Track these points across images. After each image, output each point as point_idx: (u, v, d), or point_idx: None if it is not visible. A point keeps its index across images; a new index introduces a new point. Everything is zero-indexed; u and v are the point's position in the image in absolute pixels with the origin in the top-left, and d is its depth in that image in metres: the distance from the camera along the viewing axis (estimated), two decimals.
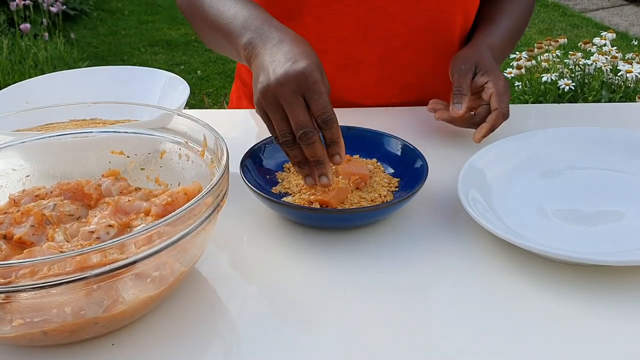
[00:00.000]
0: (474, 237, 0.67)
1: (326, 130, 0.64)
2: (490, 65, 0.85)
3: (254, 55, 0.70)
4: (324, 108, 0.63)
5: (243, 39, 0.72)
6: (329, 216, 0.68)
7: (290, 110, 0.63)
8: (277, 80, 0.63)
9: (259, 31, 0.71)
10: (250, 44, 0.70)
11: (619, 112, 1.00)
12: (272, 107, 0.64)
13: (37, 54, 3.00)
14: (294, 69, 0.63)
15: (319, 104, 0.63)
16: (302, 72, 0.63)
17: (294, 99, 0.63)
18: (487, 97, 0.82)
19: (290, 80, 0.63)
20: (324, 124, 0.63)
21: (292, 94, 0.63)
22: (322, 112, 0.63)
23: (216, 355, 0.55)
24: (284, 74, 0.63)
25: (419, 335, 0.55)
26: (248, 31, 0.72)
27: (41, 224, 0.59)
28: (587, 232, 0.67)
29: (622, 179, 0.76)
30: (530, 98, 2.29)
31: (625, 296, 0.59)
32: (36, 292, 0.46)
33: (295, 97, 0.63)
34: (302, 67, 0.63)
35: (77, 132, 0.69)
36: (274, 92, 0.64)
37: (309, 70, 0.63)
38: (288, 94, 0.63)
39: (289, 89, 0.63)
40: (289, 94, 0.63)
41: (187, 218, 0.52)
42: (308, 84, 0.63)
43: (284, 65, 0.64)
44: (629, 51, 2.44)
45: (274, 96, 0.64)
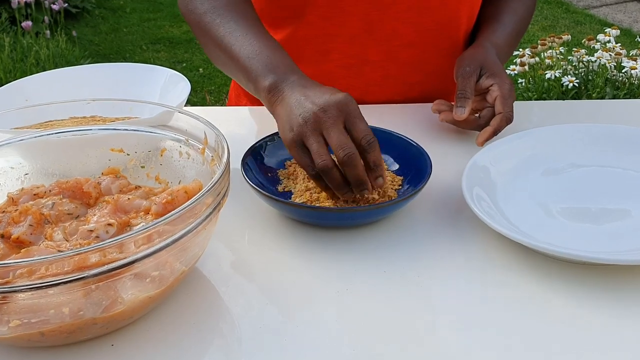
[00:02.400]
0: (478, 235, 0.67)
1: (370, 154, 0.65)
2: (495, 68, 0.84)
3: (280, 99, 0.70)
4: (366, 131, 0.65)
5: (267, 81, 0.72)
6: (331, 215, 0.67)
7: (333, 135, 0.64)
8: (321, 108, 0.65)
9: (284, 76, 0.72)
10: (275, 88, 0.71)
11: (623, 109, 0.99)
12: (314, 136, 0.65)
13: (38, 52, 3.00)
14: (335, 98, 0.66)
15: (361, 127, 0.65)
16: (343, 100, 0.66)
17: (336, 124, 0.65)
18: (492, 100, 0.81)
19: (333, 107, 0.65)
20: (368, 147, 0.65)
21: (335, 120, 0.65)
22: (365, 134, 0.65)
23: (217, 355, 0.54)
24: (325, 103, 0.65)
25: (423, 335, 0.55)
26: (272, 74, 0.72)
27: (39, 223, 0.58)
28: (592, 230, 0.66)
29: (627, 176, 0.75)
30: (533, 95, 2.27)
31: (631, 295, 0.58)
32: (34, 292, 0.46)
33: (337, 122, 0.65)
34: (342, 96, 0.66)
35: (77, 130, 0.69)
36: (316, 119, 0.65)
37: (349, 98, 0.66)
38: (330, 120, 0.65)
39: (331, 115, 0.65)
40: (332, 119, 0.65)
41: (187, 217, 0.51)
42: (349, 110, 0.65)
43: (323, 97, 0.66)
44: (633, 48, 2.42)
45: (316, 123, 0.65)
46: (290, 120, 0.67)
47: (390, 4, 0.89)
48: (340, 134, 0.64)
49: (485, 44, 0.88)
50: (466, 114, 0.81)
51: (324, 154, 0.64)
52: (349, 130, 0.65)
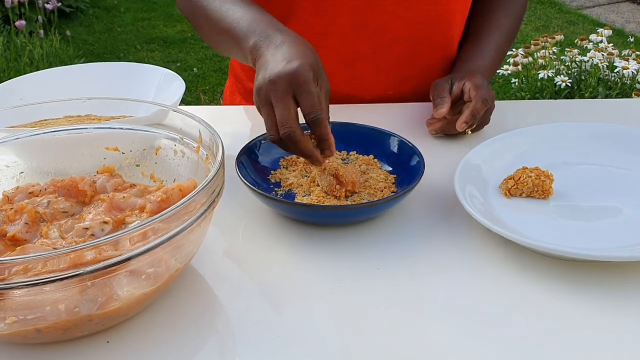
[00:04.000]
0: (470, 233, 0.67)
1: (315, 129, 0.66)
2: (464, 73, 0.86)
3: (257, 57, 0.72)
4: (312, 107, 0.65)
5: (249, 42, 0.74)
6: (325, 212, 0.67)
7: (277, 110, 0.66)
8: (269, 79, 0.66)
9: (264, 34, 0.73)
10: (255, 46, 0.73)
11: (616, 108, 1.00)
12: (264, 106, 0.67)
13: (32, 51, 2.99)
14: (287, 68, 0.66)
15: (307, 103, 0.65)
16: (294, 71, 0.65)
17: (283, 97, 0.65)
18: (467, 93, 0.82)
19: (282, 79, 0.65)
20: (312, 124, 0.66)
21: (283, 93, 0.65)
22: (311, 111, 0.65)
23: (212, 352, 0.55)
24: (276, 74, 0.66)
25: (416, 331, 0.55)
26: (254, 34, 0.74)
27: (35, 221, 0.59)
28: (583, 228, 0.67)
29: (619, 174, 0.76)
30: (526, 95, 2.29)
31: (622, 291, 0.59)
32: (30, 289, 0.46)
33: (285, 96, 0.65)
34: (295, 67, 0.66)
35: (72, 129, 0.69)
36: (266, 90, 0.66)
37: (300, 70, 0.65)
38: (278, 93, 0.65)
39: (280, 87, 0.65)
40: (279, 92, 0.65)
41: (182, 214, 0.51)
42: (298, 84, 0.65)
43: (278, 65, 0.66)
44: (625, 48, 2.44)
45: (265, 95, 0.66)
46: (254, 85, 0.69)
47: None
48: (283, 109, 0.65)
49: (464, 69, 0.90)
50: (445, 109, 0.82)
51: (272, 129, 0.67)
52: (298, 103, 0.66)
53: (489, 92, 0.82)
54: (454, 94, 0.84)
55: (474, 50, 0.94)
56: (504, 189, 0.72)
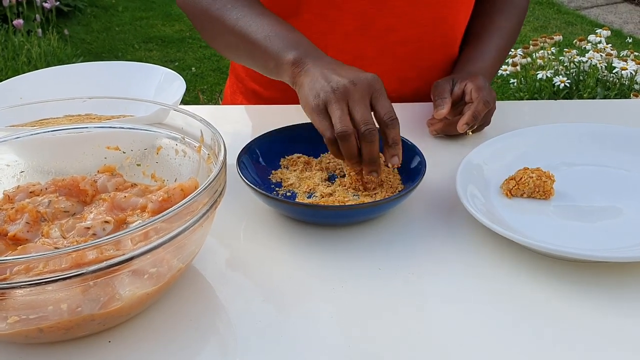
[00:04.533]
0: (472, 233, 0.67)
1: (390, 130, 0.68)
2: (466, 74, 0.86)
3: (304, 70, 0.73)
4: (389, 109, 0.68)
5: (290, 55, 0.74)
6: (326, 213, 0.67)
7: (359, 108, 0.67)
8: (351, 81, 0.68)
9: (307, 51, 0.75)
10: (300, 60, 0.74)
11: (614, 109, 1.00)
12: (339, 104, 0.67)
13: (30, 51, 2.98)
14: (365, 75, 0.69)
15: (385, 105, 0.68)
16: (372, 78, 0.69)
17: (363, 98, 0.68)
18: (468, 95, 0.82)
19: (363, 82, 0.68)
20: (390, 123, 0.68)
21: (363, 94, 0.68)
22: (388, 112, 0.68)
23: (213, 352, 0.54)
24: (356, 77, 0.68)
25: (418, 331, 0.55)
26: (294, 49, 0.75)
27: (36, 221, 0.58)
28: (584, 228, 0.67)
29: (619, 175, 0.76)
30: (525, 95, 2.29)
31: (623, 292, 0.59)
32: (32, 288, 0.46)
33: (365, 97, 0.68)
34: (372, 75, 0.70)
35: (72, 128, 0.69)
36: (345, 90, 0.68)
37: (377, 78, 0.70)
38: (358, 93, 0.68)
39: (360, 89, 0.68)
40: (360, 93, 0.68)
41: (184, 214, 0.51)
42: (377, 88, 0.69)
43: (353, 72, 0.70)
44: (623, 49, 2.44)
45: (344, 93, 0.68)
46: (316, 87, 0.69)
47: (386, 0, 0.89)
48: (365, 109, 0.67)
49: (465, 71, 0.90)
50: (446, 110, 0.82)
51: (346, 120, 0.66)
52: (373, 107, 0.68)
53: (491, 94, 0.82)
54: (455, 95, 0.84)
55: (475, 52, 0.94)
56: (505, 189, 0.72)
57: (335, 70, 0.70)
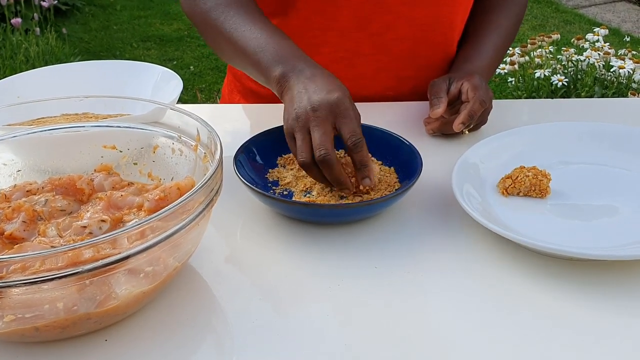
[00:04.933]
0: (468, 232, 0.67)
1: (356, 154, 0.68)
2: (462, 73, 0.86)
3: (287, 88, 0.73)
4: (354, 132, 0.67)
5: (276, 71, 0.75)
6: (323, 211, 0.67)
7: (316, 134, 0.67)
8: (311, 106, 0.68)
9: (291, 65, 0.75)
10: (283, 77, 0.74)
11: (612, 107, 1.00)
12: (302, 131, 0.68)
13: (28, 49, 2.98)
14: (328, 97, 0.68)
15: (349, 128, 0.67)
16: (335, 100, 0.68)
17: (323, 123, 0.67)
18: (465, 94, 0.82)
19: (324, 107, 0.68)
20: (354, 147, 0.67)
21: (323, 119, 0.67)
22: (352, 135, 0.67)
23: (210, 350, 0.55)
24: (318, 101, 0.68)
25: (414, 329, 0.55)
26: (280, 65, 0.75)
27: (32, 219, 0.58)
28: (580, 227, 0.67)
29: (616, 173, 0.76)
30: (523, 94, 2.29)
31: (619, 290, 0.59)
32: (28, 287, 0.46)
33: (325, 121, 0.67)
34: (336, 96, 0.68)
35: (69, 127, 0.69)
36: (306, 116, 0.68)
37: (341, 99, 0.68)
38: (318, 119, 0.67)
39: (321, 114, 0.68)
40: (319, 119, 0.67)
41: (180, 213, 0.51)
42: (340, 111, 0.68)
43: (319, 94, 0.69)
44: (621, 47, 2.44)
45: (305, 120, 0.68)
46: (288, 112, 0.70)
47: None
48: (322, 134, 0.66)
49: (463, 69, 0.90)
50: (442, 109, 0.82)
51: (304, 151, 0.67)
52: (338, 129, 0.68)
53: (487, 93, 0.82)
54: (452, 94, 0.84)
55: (473, 50, 0.94)
56: (501, 188, 0.72)
57: (307, 91, 0.70)
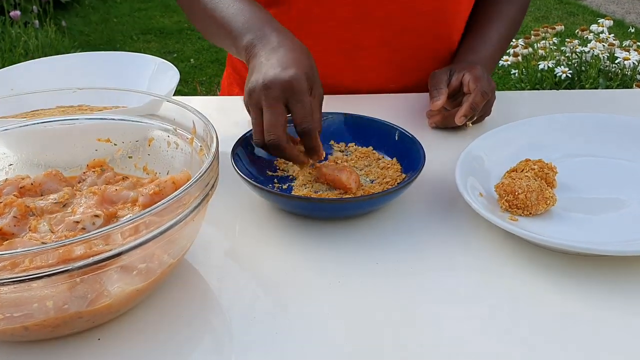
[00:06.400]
0: (471, 226, 0.66)
1: (305, 139, 0.67)
2: (464, 64, 0.85)
3: (252, 56, 0.71)
4: (304, 117, 0.65)
5: (244, 39, 0.73)
6: (323, 206, 0.66)
7: (266, 115, 0.65)
8: (263, 84, 0.65)
9: (260, 33, 0.73)
10: (250, 44, 0.72)
11: (616, 99, 0.99)
12: (254, 109, 0.66)
13: (27, 42, 2.96)
14: (282, 75, 0.65)
15: (299, 113, 0.65)
16: (289, 79, 0.64)
17: (274, 103, 0.65)
18: (466, 85, 0.80)
19: (276, 85, 0.64)
20: (303, 134, 0.66)
21: (275, 99, 0.65)
22: (302, 121, 0.65)
23: (207, 349, 0.53)
24: (270, 79, 0.65)
25: (416, 325, 0.54)
26: (249, 32, 0.73)
27: (24, 215, 0.57)
28: (586, 221, 0.66)
29: (621, 166, 0.74)
30: (526, 86, 2.27)
31: (627, 285, 0.58)
32: (16, 285, 0.44)
33: (276, 102, 0.65)
34: (290, 74, 0.64)
35: (63, 120, 0.67)
36: (258, 94, 0.65)
37: (296, 78, 0.64)
38: (270, 99, 0.65)
39: (272, 94, 0.65)
40: (271, 98, 0.65)
41: (175, 208, 0.50)
42: (292, 92, 0.64)
43: (274, 70, 0.66)
44: (625, 38, 2.42)
45: (257, 98, 0.66)
46: (246, 85, 0.68)
47: None
48: (272, 115, 0.65)
49: (465, 60, 0.88)
50: (442, 101, 0.80)
51: (257, 132, 0.66)
52: (290, 111, 0.66)
53: (489, 84, 0.81)
54: (453, 86, 0.82)
55: (476, 41, 0.92)
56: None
57: (268, 61, 0.68)
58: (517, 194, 0.65)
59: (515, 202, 0.65)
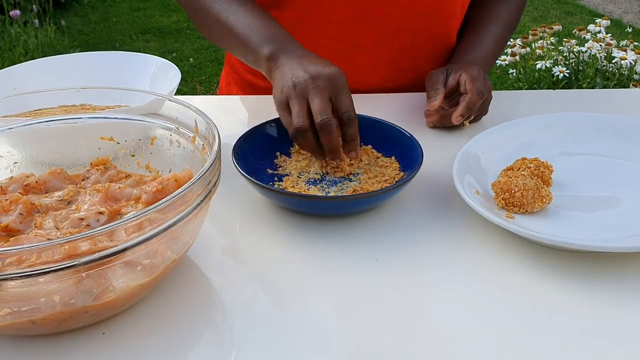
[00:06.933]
0: (469, 223, 0.67)
1: (347, 127, 0.69)
2: (461, 64, 0.86)
3: (278, 65, 0.74)
4: (349, 106, 0.69)
5: (266, 50, 0.76)
6: (323, 203, 0.67)
7: (316, 101, 0.68)
8: (311, 76, 0.69)
9: (282, 45, 0.76)
10: (274, 55, 0.75)
11: (613, 98, 1.00)
12: (298, 99, 0.69)
13: (27, 41, 2.97)
14: (327, 70, 0.70)
15: (345, 102, 0.69)
16: (334, 73, 0.69)
17: (323, 92, 0.68)
18: (463, 85, 0.81)
19: (324, 77, 0.69)
20: (347, 121, 0.69)
21: (322, 88, 0.68)
22: (347, 109, 0.69)
23: (209, 343, 0.54)
24: (318, 72, 0.69)
25: (415, 322, 0.55)
26: (271, 44, 0.76)
27: (30, 212, 0.58)
28: (582, 219, 0.67)
29: (617, 164, 0.75)
30: (524, 85, 2.28)
31: (622, 282, 0.59)
32: (24, 280, 0.45)
33: (325, 90, 0.68)
34: (335, 70, 0.70)
35: (66, 118, 0.68)
36: (305, 85, 0.69)
37: (339, 73, 0.70)
38: (318, 88, 0.68)
39: (320, 84, 0.68)
40: (319, 88, 0.68)
41: (178, 205, 0.51)
42: (338, 84, 0.69)
43: (317, 67, 0.70)
44: (623, 38, 2.43)
45: (303, 89, 0.69)
46: (282, 83, 0.71)
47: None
48: (322, 101, 0.67)
49: (462, 60, 0.89)
50: (439, 101, 0.81)
51: (302, 116, 0.68)
52: (333, 102, 0.69)
53: (486, 84, 0.82)
54: (450, 86, 0.83)
55: (473, 41, 0.93)
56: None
57: (302, 65, 0.71)
58: (514, 192, 0.66)
59: (512, 200, 0.66)
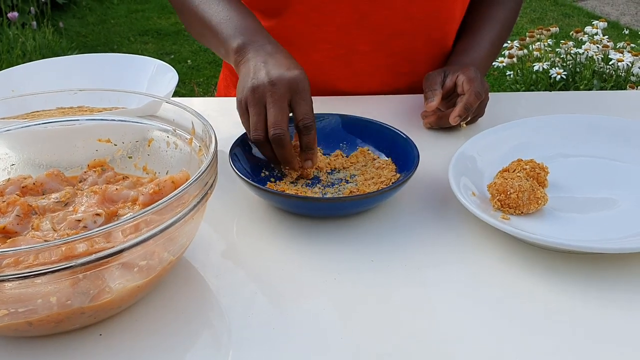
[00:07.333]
0: (464, 224, 0.67)
1: (304, 136, 0.68)
2: (458, 66, 0.86)
3: (244, 59, 0.73)
4: (307, 114, 0.67)
5: (235, 42, 0.75)
6: (319, 205, 0.67)
7: (271, 111, 0.67)
8: (270, 81, 0.67)
9: (252, 38, 0.75)
10: (243, 47, 0.74)
11: (610, 100, 1.00)
12: (256, 105, 0.68)
13: (25, 43, 2.97)
14: (289, 74, 0.68)
15: (303, 109, 0.67)
16: (295, 77, 0.68)
17: (280, 100, 0.67)
18: (460, 86, 0.82)
19: (284, 83, 0.67)
20: (304, 129, 0.68)
21: (280, 95, 0.67)
22: (305, 117, 0.67)
23: (206, 344, 0.54)
24: (278, 77, 0.68)
25: (412, 323, 0.55)
26: (241, 36, 0.75)
27: (27, 214, 0.58)
28: (578, 220, 0.67)
29: (614, 166, 0.76)
30: (521, 87, 2.29)
31: (616, 283, 0.59)
32: (21, 281, 0.45)
33: (282, 99, 0.67)
34: (296, 74, 0.68)
35: (64, 120, 0.68)
36: (263, 90, 0.67)
37: (301, 78, 0.68)
38: (276, 95, 0.67)
39: (279, 90, 0.67)
40: (277, 95, 0.67)
41: (174, 206, 0.51)
42: (298, 90, 0.67)
43: (279, 70, 0.68)
44: (620, 40, 2.44)
45: (262, 94, 0.67)
46: (243, 83, 0.70)
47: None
48: (278, 111, 0.66)
49: (459, 62, 0.90)
50: (436, 102, 0.81)
51: (259, 128, 0.67)
52: (292, 109, 0.68)
53: (483, 85, 0.82)
54: (447, 87, 0.84)
55: (469, 43, 0.93)
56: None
57: (266, 65, 0.70)
58: (509, 193, 0.66)
59: (507, 201, 0.66)
